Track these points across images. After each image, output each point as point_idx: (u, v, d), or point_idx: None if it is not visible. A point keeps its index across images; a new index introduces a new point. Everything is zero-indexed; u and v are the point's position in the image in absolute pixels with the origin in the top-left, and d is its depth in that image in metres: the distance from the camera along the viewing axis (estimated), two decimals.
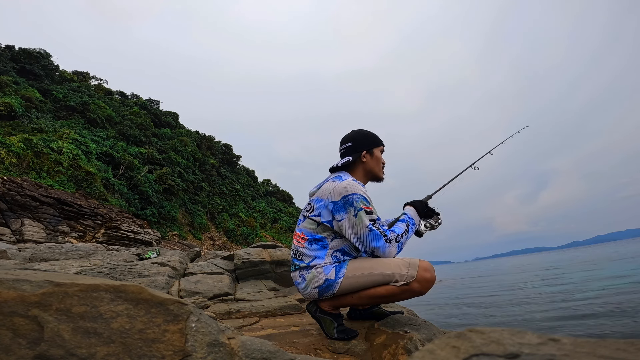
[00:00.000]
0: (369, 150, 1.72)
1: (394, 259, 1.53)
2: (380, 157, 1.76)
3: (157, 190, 19.56)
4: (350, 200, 1.49)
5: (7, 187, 9.48)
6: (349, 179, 1.58)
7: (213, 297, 2.97)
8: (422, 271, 1.48)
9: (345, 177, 1.60)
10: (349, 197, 1.50)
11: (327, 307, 1.62)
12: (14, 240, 8.17)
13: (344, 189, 1.52)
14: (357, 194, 1.51)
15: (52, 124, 17.65)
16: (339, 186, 1.54)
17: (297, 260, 1.62)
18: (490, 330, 0.47)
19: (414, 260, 1.51)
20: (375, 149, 1.75)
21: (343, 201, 1.50)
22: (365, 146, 1.72)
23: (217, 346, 0.82)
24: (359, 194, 1.51)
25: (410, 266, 1.49)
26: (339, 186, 1.54)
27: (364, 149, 1.71)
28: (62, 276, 0.80)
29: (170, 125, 31.88)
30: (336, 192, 1.53)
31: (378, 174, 1.76)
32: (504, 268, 33.42)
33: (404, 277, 1.47)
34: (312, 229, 1.60)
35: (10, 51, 23.57)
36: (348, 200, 1.50)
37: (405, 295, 1.50)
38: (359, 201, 1.49)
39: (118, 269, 3.37)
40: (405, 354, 1.34)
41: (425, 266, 1.49)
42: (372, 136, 1.76)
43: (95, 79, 33.22)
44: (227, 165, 36.28)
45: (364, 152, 1.71)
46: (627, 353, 0.39)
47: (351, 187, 1.52)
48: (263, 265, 4.18)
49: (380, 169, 1.77)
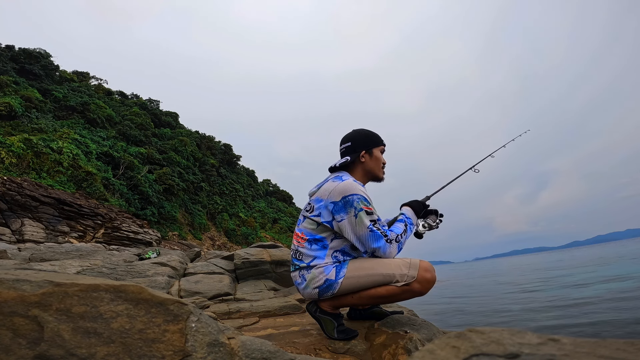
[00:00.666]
0: (367, 150, 1.71)
1: (394, 260, 1.53)
2: (379, 157, 1.74)
3: (157, 190, 19.56)
4: (351, 200, 1.49)
5: (7, 187, 9.48)
6: (349, 179, 1.58)
7: (213, 297, 2.97)
8: (422, 271, 1.48)
9: (346, 178, 1.59)
10: (349, 198, 1.49)
11: (327, 307, 1.62)
12: (14, 240, 8.18)
13: (344, 190, 1.51)
14: (358, 194, 1.50)
15: (52, 124, 17.65)
16: (339, 186, 1.53)
17: (297, 261, 1.62)
18: (490, 330, 0.47)
19: (414, 261, 1.51)
20: (375, 149, 1.73)
21: (343, 202, 1.50)
22: (364, 146, 1.70)
23: (217, 346, 0.82)
24: (359, 194, 1.51)
25: (411, 266, 1.49)
26: (339, 186, 1.53)
27: (363, 149, 1.70)
28: (62, 276, 0.80)
29: (170, 125, 31.89)
30: (336, 192, 1.52)
31: (377, 174, 1.74)
32: (504, 268, 33.42)
33: (404, 277, 1.47)
34: (312, 229, 1.59)
35: (10, 51, 23.58)
36: (348, 200, 1.49)
37: (406, 296, 1.50)
38: (360, 202, 1.49)
39: (118, 269, 3.37)
40: (405, 354, 1.34)
41: (426, 266, 1.49)
42: (371, 136, 1.74)
43: (95, 79, 33.24)
44: (227, 165, 36.28)
45: (363, 152, 1.70)
46: (627, 353, 0.39)
47: (351, 187, 1.52)
48: (263, 265, 4.18)
49: (380, 168, 1.75)
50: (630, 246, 51.27)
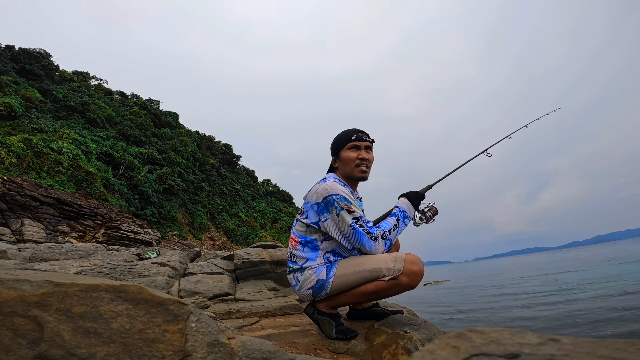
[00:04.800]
0: (336, 155, 1.73)
1: (381, 255, 1.54)
2: (348, 157, 1.66)
3: (157, 190, 19.56)
4: (331, 201, 1.52)
5: (7, 187, 9.48)
6: (330, 180, 1.60)
7: (213, 297, 2.97)
8: (408, 264, 1.47)
9: (329, 179, 1.62)
10: (329, 198, 1.53)
11: (324, 308, 1.63)
12: (14, 240, 8.18)
13: (324, 190, 1.55)
14: (337, 194, 1.53)
15: (52, 124, 17.65)
16: (320, 188, 1.58)
17: (292, 263, 1.66)
18: (490, 330, 0.47)
19: (400, 254, 1.52)
20: (342, 151, 1.69)
21: (325, 202, 1.54)
22: (334, 152, 1.75)
23: (217, 346, 0.82)
24: (339, 194, 1.53)
25: (397, 260, 1.49)
26: (320, 188, 1.58)
27: (333, 155, 1.75)
28: (62, 276, 0.80)
29: (170, 125, 31.88)
30: (318, 193, 1.57)
31: (351, 174, 1.68)
32: (504, 268, 33.42)
33: (391, 271, 1.48)
34: (303, 232, 1.63)
35: (10, 51, 23.57)
36: (329, 201, 1.53)
37: (396, 290, 1.50)
38: (340, 201, 1.52)
39: (118, 269, 3.37)
40: (405, 354, 1.34)
41: (412, 259, 1.49)
42: (338, 139, 1.73)
43: (95, 79, 33.25)
44: (227, 165, 36.29)
45: (333, 159, 1.75)
46: (627, 353, 0.39)
47: (331, 188, 1.55)
48: (263, 265, 4.18)
49: (353, 168, 1.66)
50: (631, 246, 51.25)
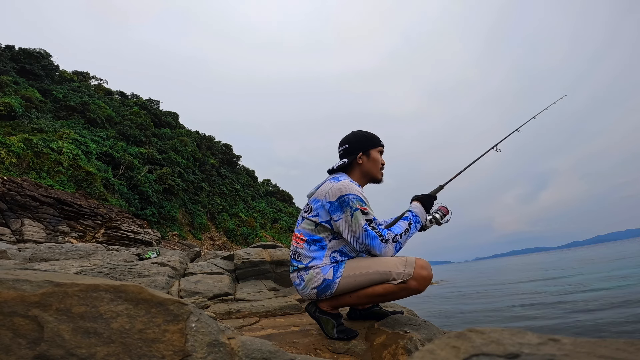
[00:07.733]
0: (365, 152, 1.71)
1: (391, 258, 1.54)
2: (378, 158, 1.73)
3: (157, 190, 19.55)
4: (347, 200, 1.51)
5: (7, 187, 9.48)
6: (345, 179, 1.59)
7: (213, 297, 2.97)
8: (418, 269, 1.48)
9: (342, 178, 1.60)
10: (345, 198, 1.51)
11: (327, 308, 1.62)
12: (14, 240, 8.17)
13: (340, 189, 1.53)
14: (353, 194, 1.52)
15: (52, 124, 17.64)
16: (335, 187, 1.55)
17: (296, 262, 1.63)
18: (490, 330, 0.47)
19: (410, 259, 1.52)
20: (373, 150, 1.72)
21: (339, 201, 1.52)
22: (362, 148, 1.71)
23: (217, 346, 0.82)
24: (355, 194, 1.52)
25: (407, 264, 1.49)
26: (335, 187, 1.55)
27: (360, 150, 1.70)
28: (62, 276, 0.80)
29: (170, 125, 31.88)
30: (332, 192, 1.54)
31: (375, 175, 1.73)
32: (504, 268, 33.42)
33: (401, 275, 1.48)
34: (311, 230, 1.60)
35: (10, 51, 23.56)
36: (344, 200, 1.51)
37: (404, 294, 1.51)
38: (355, 201, 1.50)
39: (118, 269, 3.37)
40: (405, 354, 1.34)
41: (422, 264, 1.50)
42: (369, 137, 1.74)
43: (95, 79, 33.25)
44: (227, 165, 36.29)
45: (360, 154, 1.70)
46: (627, 353, 0.39)
47: (347, 187, 1.53)
48: (263, 265, 4.18)
49: (378, 170, 1.74)
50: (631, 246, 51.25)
